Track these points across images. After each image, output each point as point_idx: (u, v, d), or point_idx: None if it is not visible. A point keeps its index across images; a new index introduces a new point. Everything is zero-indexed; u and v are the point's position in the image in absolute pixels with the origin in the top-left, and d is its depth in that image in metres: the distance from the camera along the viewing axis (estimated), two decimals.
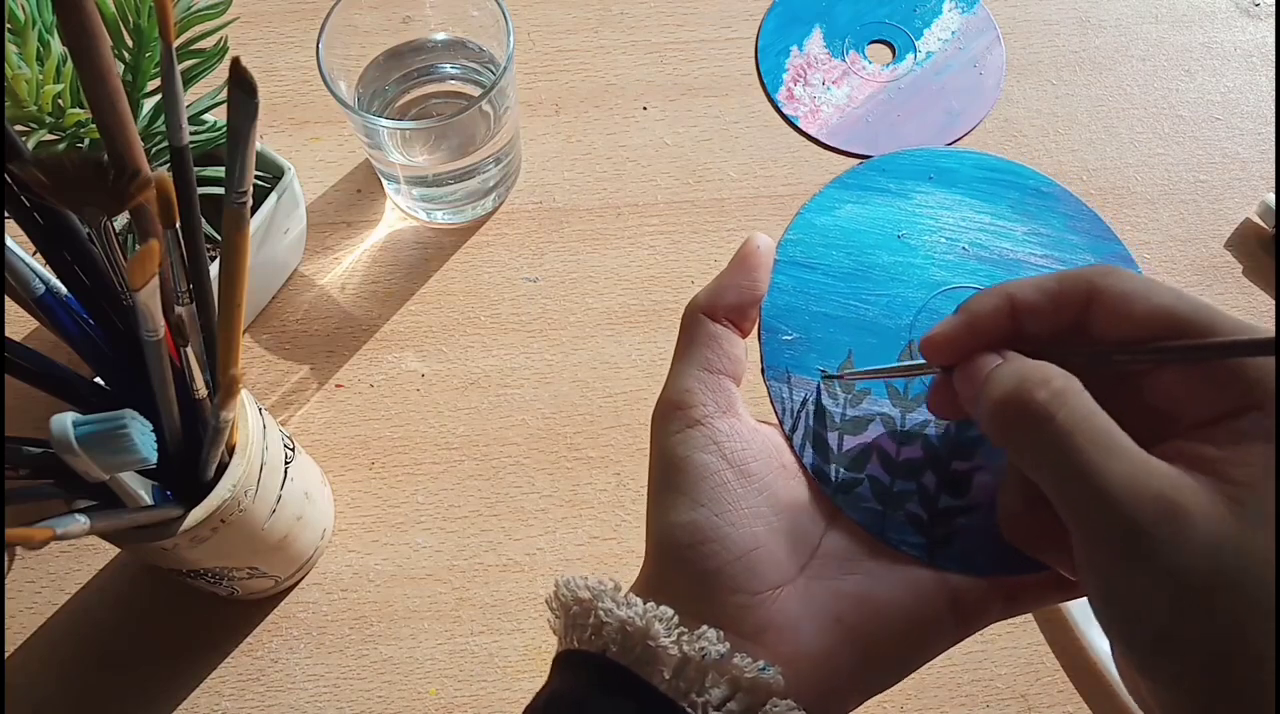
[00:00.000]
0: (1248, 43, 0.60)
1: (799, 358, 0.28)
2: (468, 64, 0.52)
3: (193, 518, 0.34)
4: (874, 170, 0.30)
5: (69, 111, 0.39)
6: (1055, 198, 0.30)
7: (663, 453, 0.27)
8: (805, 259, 0.29)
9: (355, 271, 0.53)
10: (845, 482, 0.27)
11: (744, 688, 0.23)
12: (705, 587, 0.25)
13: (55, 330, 0.32)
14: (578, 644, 0.25)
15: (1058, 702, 0.44)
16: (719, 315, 0.28)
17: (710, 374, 0.27)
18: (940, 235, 0.30)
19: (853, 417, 0.28)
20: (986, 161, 0.31)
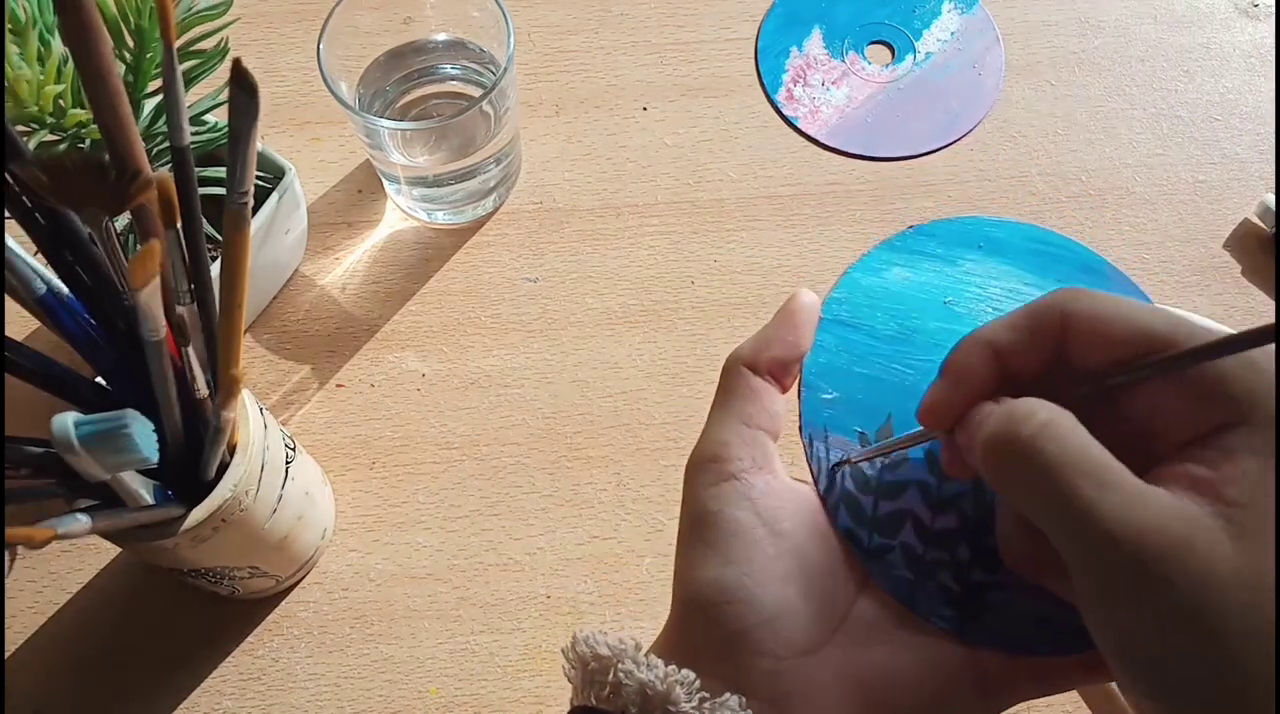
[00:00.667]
0: (1247, 43, 0.60)
1: (838, 417, 0.28)
2: (468, 64, 0.52)
3: (194, 517, 0.34)
4: (923, 235, 0.30)
5: (70, 112, 0.39)
6: (1105, 276, 0.30)
7: (695, 505, 0.26)
8: (850, 319, 0.29)
9: (356, 272, 0.53)
10: (878, 548, 0.27)
11: None
12: (730, 648, 0.24)
13: (56, 330, 0.32)
14: (595, 702, 0.25)
15: (1058, 701, 0.44)
16: (761, 369, 0.27)
17: (749, 428, 0.27)
18: (988, 304, 0.29)
19: (889, 481, 0.27)
20: (1037, 234, 0.30)
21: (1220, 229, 0.55)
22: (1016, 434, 0.22)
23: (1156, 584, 0.20)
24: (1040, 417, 0.22)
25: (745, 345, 0.28)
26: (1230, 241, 0.55)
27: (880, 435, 0.28)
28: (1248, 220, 0.55)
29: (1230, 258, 0.54)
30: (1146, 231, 0.55)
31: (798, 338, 0.28)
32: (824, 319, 0.29)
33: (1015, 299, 0.29)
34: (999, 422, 0.22)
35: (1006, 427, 0.22)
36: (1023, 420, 0.22)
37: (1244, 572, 0.19)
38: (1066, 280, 0.30)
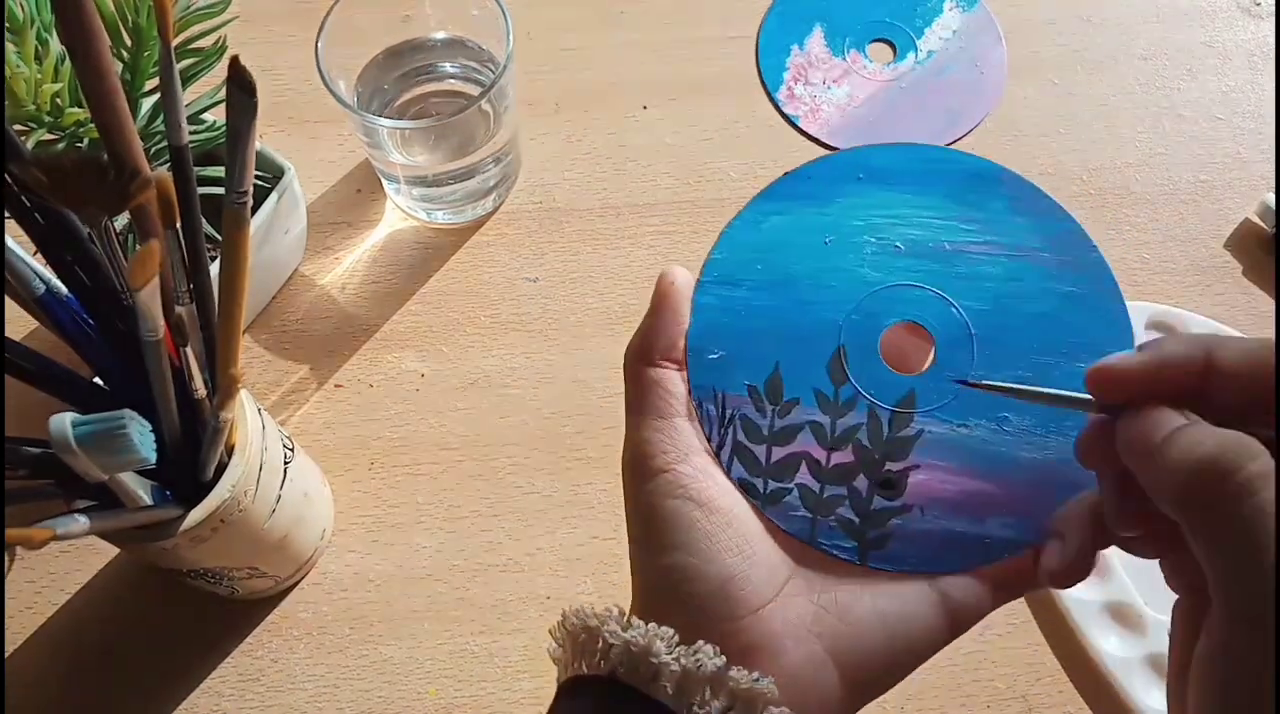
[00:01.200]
0: (1249, 42, 0.60)
1: (726, 374, 0.28)
2: (467, 63, 0.52)
3: (192, 518, 0.34)
4: (799, 178, 0.30)
5: (68, 111, 0.39)
6: (997, 180, 0.29)
7: (635, 504, 0.28)
8: (730, 277, 0.29)
9: (355, 271, 0.53)
10: (773, 492, 0.27)
11: (741, 698, 0.24)
12: (690, 619, 0.26)
13: (55, 330, 0.32)
14: (586, 669, 0.26)
15: (1058, 702, 0.44)
16: (655, 359, 0.28)
17: (664, 420, 0.28)
18: (870, 235, 0.29)
19: (781, 427, 0.28)
20: (920, 152, 0.30)
21: (1221, 228, 0.55)
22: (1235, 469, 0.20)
23: None
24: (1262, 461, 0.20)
25: (633, 342, 0.29)
26: (1231, 241, 0.55)
27: (769, 385, 0.28)
28: (1249, 220, 0.55)
29: (1231, 257, 0.54)
30: (1148, 231, 0.55)
31: (676, 319, 0.28)
32: (704, 282, 0.29)
33: (899, 224, 0.29)
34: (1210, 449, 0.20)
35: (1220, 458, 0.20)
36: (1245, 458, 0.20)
37: None
38: (955, 195, 0.29)
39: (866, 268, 0.29)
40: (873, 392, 0.28)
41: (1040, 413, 0.27)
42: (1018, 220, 0.29)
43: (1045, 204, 0.29)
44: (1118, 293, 0.29)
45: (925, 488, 0.27)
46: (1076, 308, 0.28)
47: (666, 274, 0.29)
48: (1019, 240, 0.29)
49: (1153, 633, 0.44)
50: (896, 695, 0.44)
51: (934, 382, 0.28)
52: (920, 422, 0.28)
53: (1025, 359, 0.28)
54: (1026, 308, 0.28)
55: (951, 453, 0.27)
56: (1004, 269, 0.28)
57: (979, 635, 0.45)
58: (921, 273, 0.29)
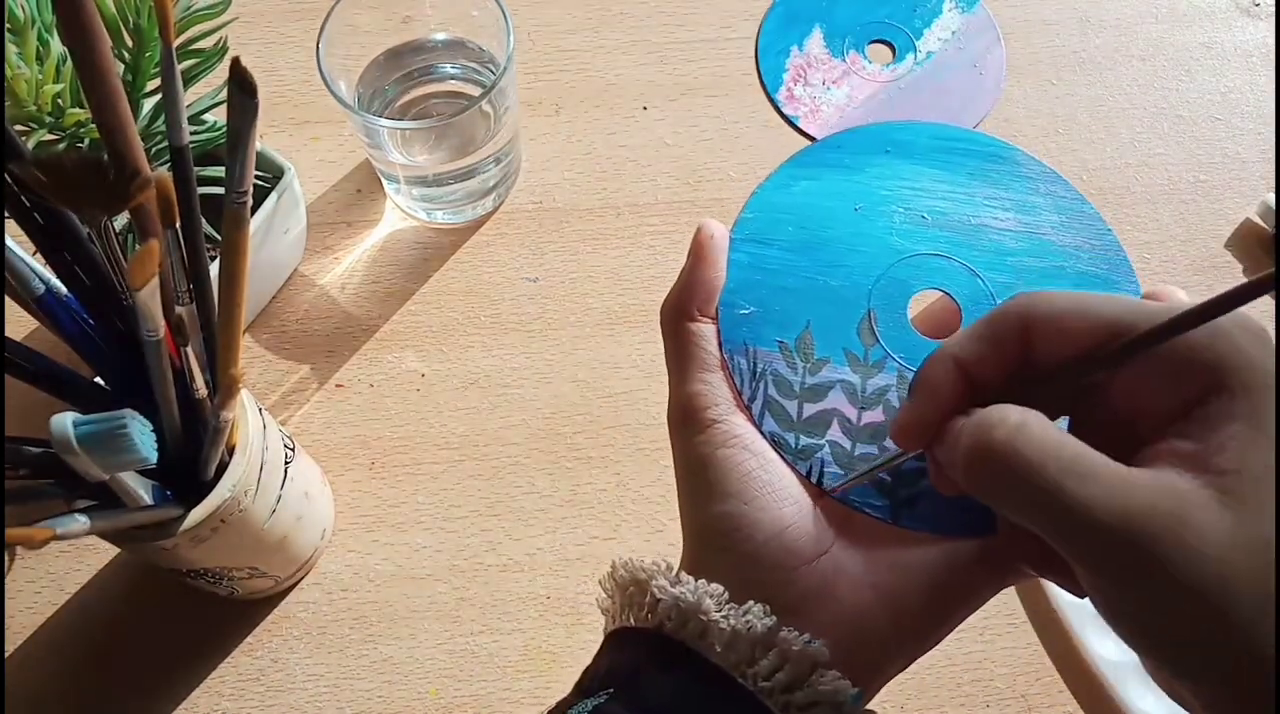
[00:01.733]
0: (1248, 43, 0.60)
1: (756, 330, 0.28)
2: (468, 64, 0.52)
3: (193, 518, 0.34)
4: (828, 148, 0.31)
5: (69, 111, 0.39)
6: (1015, 162, 0.31)
7: (686, 456, 0.28)
8: (761, 236, 0.29)
9: (355, 271, 0.53)
10: (805, 448, 0.28)
11: (791, 659, 0.24)
12: (743, 569, 0.26)
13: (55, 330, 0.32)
14: (634, 622, 0.26)
15: (1058, 702, 0.44)
16: (693, 314, 0.28)
17: (710, 373, 0.28)
18: (898, 205, 0.30)
19: (812, 384, 0.28)
20: (943, 131, 0.31)
21: (1221, 229, 0.55)
22: (990, 440, 0.22)
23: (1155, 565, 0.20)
24: (1011, 420, 0.22)
25: (670, 297, 0.29)
26: (1231, 241, 0.55)
27: (800, 343, 0.28)
28: (1249, 220, 0.55)
29: (1231, 257, 0.54)
30: (1148, 231, 0.55)
31: (715, 272, 0.29)
32: (735, 239, 0.29)
33: (925, 197, 0.30)
34: (971, 432, 0.23)
35: (979, 435, 0.22)
36: (995, 426, 0.22)
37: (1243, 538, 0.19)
38: (977, 173, 0.30)
39: (895, 236, 0.29)
40: (902, 354, 0.28)
41: None
42: (1036, 200, 0.30)
43: (1063, 188, 0.30)
44: (1132, 272, 0.29)
45: None
46: (1090, 285, 0.29)
47: (704, 227, 0.29)
48: (1038, 219, 0.30)
49: None
50: (896, 694, 0.44)
51: None
52: None
53: None
54: (1045, 283, 0.29)
55: None
56: (1024, 245, 0.29)
57: (979, 635, 0.45)
58: (948, 244, 0.29)
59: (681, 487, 0.28)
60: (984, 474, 0.22)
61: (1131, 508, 0.20)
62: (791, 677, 0.24)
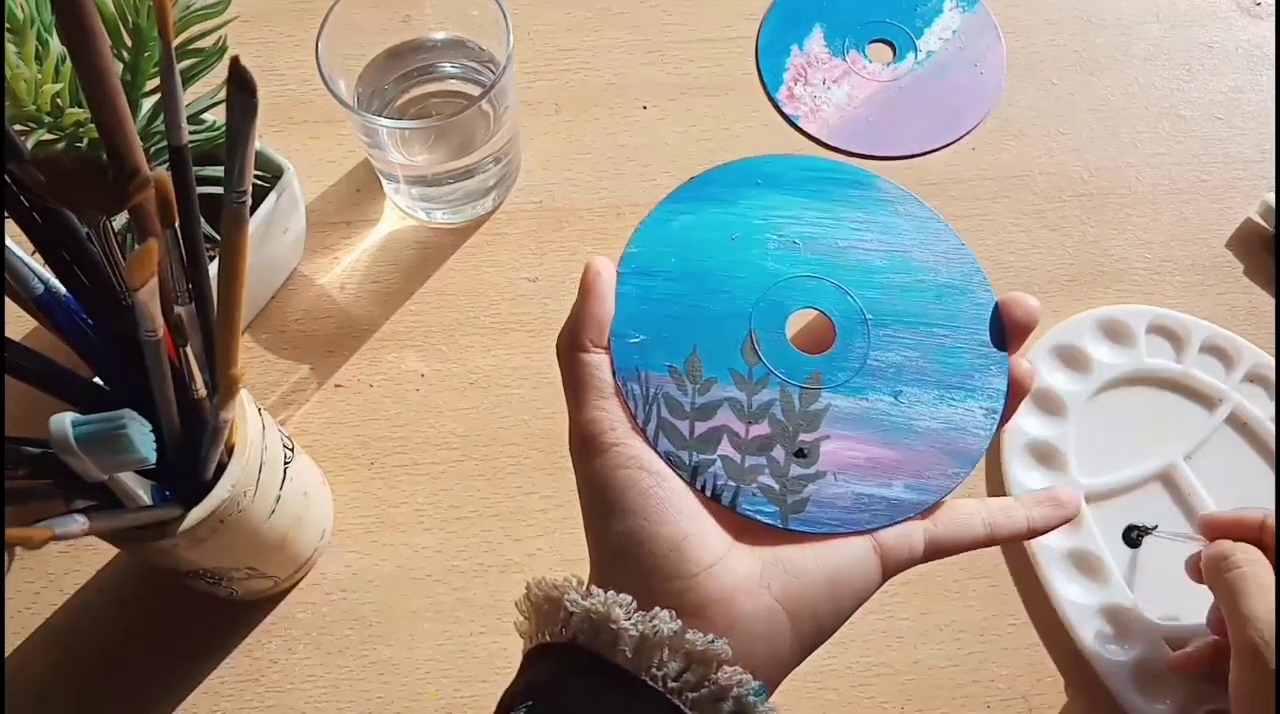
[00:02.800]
0: (1249, 42, 0.60)
1: (647, 357, 0.30)
2: (467, 63, 0.52)
3: (192, 518, 0.34)
4: (703, 183, 0.33)
5: (68, 111, 0.39)
6: (876, 188, 0.33)
7: (588, 480, 0.29)
8: (646, 268, 0.31)
9: (355, 271, 0.53)
10: (699, 464, 0.30)
11: (696, 659, 0.26)
12: (646, 580, 0.27)
13: (54, 330, 0.32)
14: (549, 638, 0.28)
15: (1058, 702, 0.44)
16: (587, 346, 0.30)
17: (605, 400, 0.30)
18: (772, 233, 0.32)
19: (701, 404, 0.30)
20: (808, 163, 0.33)
21: (1222, 228, 0.55)
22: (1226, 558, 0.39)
23: None
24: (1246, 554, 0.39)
25: (564, 331, 0.31)
26: (1232, 241, 0.55)
27: (688, 366, 0.30)
28: (1250, 219, 0.55)
29: (1233, 257, 0.54)
30: (1149, 231, 0.55)
31: (604, 305, 0.30)
32: (622, 272, 0.31)
33: (796, 224, 0.32)
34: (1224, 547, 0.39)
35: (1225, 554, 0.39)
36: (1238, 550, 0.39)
37: None
38: (843, 199, 0.33)
39: (770, 261, 0.32)
40: (783, 370, 0.31)
41: (930, 387, 0.31)
42: (897, 221, 0.33)
43: (918, 208, 0.33)
44: (986, 283, 0.32)
45: (836, 456, 0.30)
46: (951, 296, 0.32)
47: (591, 264, 0.31)
48: (900, 239, 0.32)
49: (1148, 637, 0.44)
50: (896, 695, 0.44)
51: (837, 361, 0.31)
52: (827, 396, 0.30)
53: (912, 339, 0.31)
54: (910, 296, 0.32)
55: (856, 423, 0.30)
56: (889, 263, 0.32)
57: (979, 636, 0.45)
58: (819, 266, 0.32)
59: (585, 509, 0.30)
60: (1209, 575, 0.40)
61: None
62: (698, 676, 0.26)
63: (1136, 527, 0.46)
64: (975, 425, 0.31)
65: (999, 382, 0.31)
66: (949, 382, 0.31)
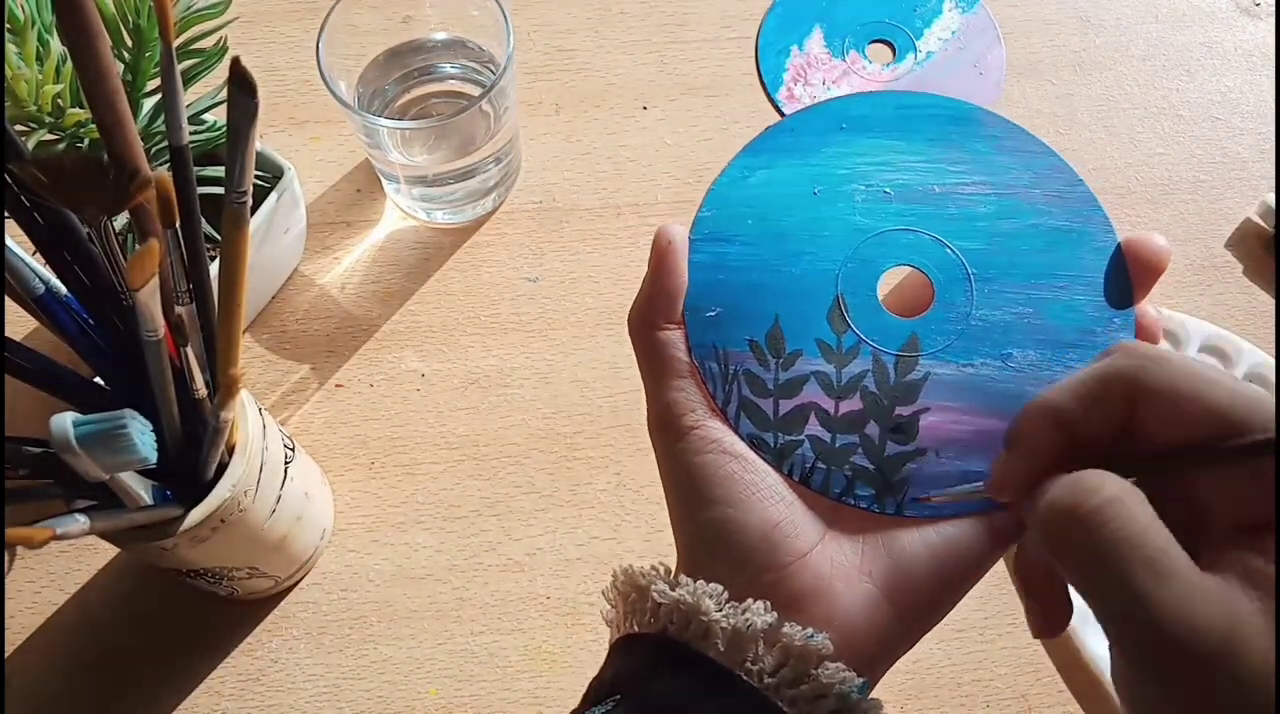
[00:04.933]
0: (1248, 42, 0.60)
1: (724, 332, 0.28)
2: (468, 64, 0.52)
3: (192, 518, 0.34)
4: (781, 132, 0.30)
5: (69, 111, 0.39)
6: (977, 121, 0.30)
7: (669, 465, 0.28)
8: (720, 233, 0.28)
9: (355, 271, 0.53)
10: (784, 446, 0.27)
11: (794, 655, 0.24)
12: (737, 571, 0.26)
13: (55, 330, 0.32)
14: (638, 628, 0.26)
15: (1058, 702, 0.44)
16: (660, 323, 0.28)
17: (683, 379, 0.28)
18: (859, 183, 0.29)
19: (785, 380, 0.27)
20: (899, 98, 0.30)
21: (1222, 228, 0.55)
22: (1080, 505, 0.21)
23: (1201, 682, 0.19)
24: (1107, 491, 0.21)
25: (635, 308, 0.29)
26: (1232, 241, 0.55)
27: (770, 339, 0.28)
28: (1249, 219, 0.55)
29: (1232, 257, 0.54)
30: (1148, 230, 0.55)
31: (676, 278, 0.28)
32: (695, 240, 0.28)
33: (885, 170, 0.29)
34: (1063, 490, 0.22)
35: (1071, 497, 0.21)
36: (1089, 492, 0.21)
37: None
38: (938, 139, 0.29)
39: (858, 215, 0.28)
40: (875, 338, 0.28)
41: (1044, 347, 0.27)
42: (1003, 159, 0.29)
43: (1027, 141, 0.29)
44: (1108, 223, 0.29)
45: (937, 430, 0.27)
46: (1068, 240, 0.28)
47: (662, 233, 0.28)
48: (1007, 178, 0.29)
49: None
50: (896, 694, 0.44)
51: (936, 323, 0.27)
52: (925, 364, 0.27)
53: (1024, 293, 0.28)
54: (1020, 244, 0.28)
55: (960, 393, 0.27)
56: (994, 207, 0.28)
57: (979, 635, 0.45)
58: (913, 217, 0.28)
59: (669, 496, 0.28)
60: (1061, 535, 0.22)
61: (1196, 621, 0.19)
62: (796, 672, 0.24)
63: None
64: None
65: (1124, 335, 0.27)
66: (1066, 339, 0.27)
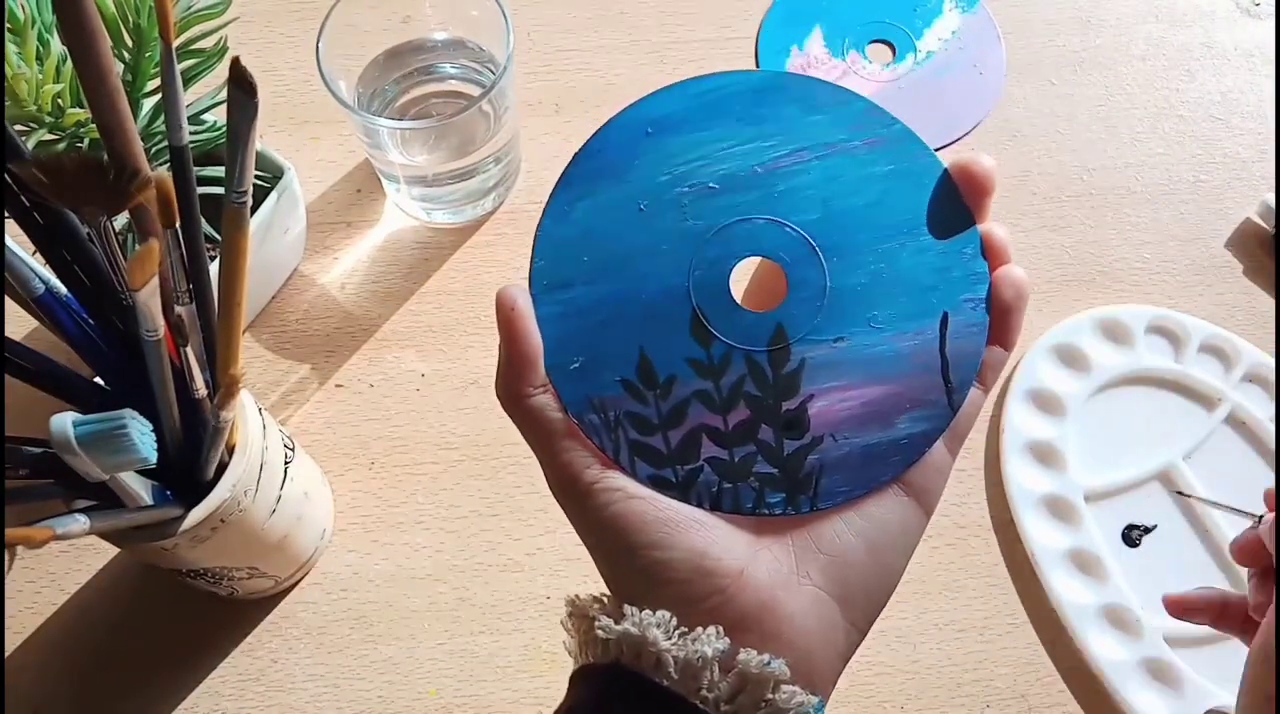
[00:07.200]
0: (1248, 42, 0.60)
1: (594, 380, 0.27)
2: (468, 64, 0.52)
3: (193, 518, 0.34)
4: (589, 156, 0.28)
5: (69, 111, 0.39)
6: (780, 88, 0.28)
7: (581, 524, 0.27)
8: (560, 280, 0.27)
9: (355, 271, 0.53)
10: (686, 477, 0.26)
11: (751, 681, 0.24)
12: (675, 609, 0.25)
13: (55, 330, 0.32)
14: (591, 658, 0.26)
15: (1058, 702, 0.44)
16: (527, 391, 0.27)
17: (568, 440, 0.27)
18: (681, 186, 0.27)
19: (669, 410, 0.27)
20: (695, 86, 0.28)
21: (1222, 228, 0.55)
22: None
23: None
24: None
25: (499, 382, 0.28)
26: (1232, 241, 0.55)
27: (640, 372, 0.27)
28: (1249, 219, 0.55)
29: (1232, 257, 0.54)
30: (1148, 231, 0.55)
31: (529, 342, 0.27)
32: (535, 294, 0.27)
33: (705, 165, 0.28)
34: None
35: None
36: None
37: None
38: (746, 117, 0.28)
39: (690, 220, 0.27)
40: (743, 340, 0.27)
41: (905, 298, 0.27)
42: (814, 118, 0.28)
43: (834, 93, 0.28)
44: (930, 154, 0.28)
45: (827, 414, 0.27)
46: (899, 184, 0.27)
47: (504, 296, 0.27)
48: (822, 138, 0.28)
49: (1148, 637, 0.44)
50: (896, 694, 0.44)
51: (797, 307, 0.27)
52: (797, 351, 0.27)
53: (872, 251, 0.27)
54: (854, 202, 0.27)
55: (838, 370, 0.27)
56: (819, 172, 0.27)
57: (979, 635, 0.45)
58: (744, 205, 0.27)
59: (593, 555, 0.28)
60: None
61: None
62: (753, 698, 0.24)
63: (1136, 526, 0.45)
64: (966, 323, 0.27)
65: (977, 263, 0.27)
66: (924, 283, 0.27)
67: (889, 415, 0.26)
